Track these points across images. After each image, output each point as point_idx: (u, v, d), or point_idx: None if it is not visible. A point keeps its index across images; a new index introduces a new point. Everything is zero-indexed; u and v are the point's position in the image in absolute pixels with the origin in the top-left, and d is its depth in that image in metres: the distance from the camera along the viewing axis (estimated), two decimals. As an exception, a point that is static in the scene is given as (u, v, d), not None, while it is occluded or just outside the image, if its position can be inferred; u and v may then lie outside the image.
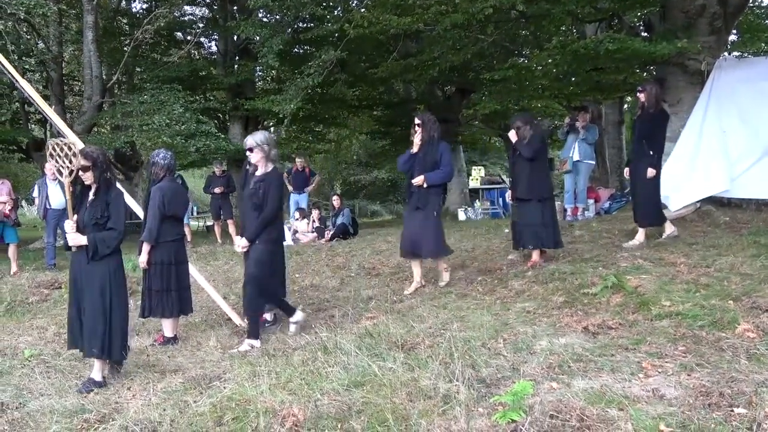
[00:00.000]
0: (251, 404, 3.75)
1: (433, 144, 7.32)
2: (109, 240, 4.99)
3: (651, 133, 7.90)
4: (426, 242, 7.29)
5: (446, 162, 7.32)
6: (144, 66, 21.40)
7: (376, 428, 3.33)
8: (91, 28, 17.61)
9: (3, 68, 7.09)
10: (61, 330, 7.01)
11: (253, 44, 19.80)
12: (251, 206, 6.09)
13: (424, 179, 7.23)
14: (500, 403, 3.45)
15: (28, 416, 4.22)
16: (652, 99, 7.92)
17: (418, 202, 7.31)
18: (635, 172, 8.06)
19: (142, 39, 18.58)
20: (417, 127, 7.38)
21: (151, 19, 18.24)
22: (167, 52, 22.74)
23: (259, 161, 6.20)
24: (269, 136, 6.29)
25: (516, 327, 5.21)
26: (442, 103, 22.27)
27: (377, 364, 4.21)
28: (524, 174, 7.78)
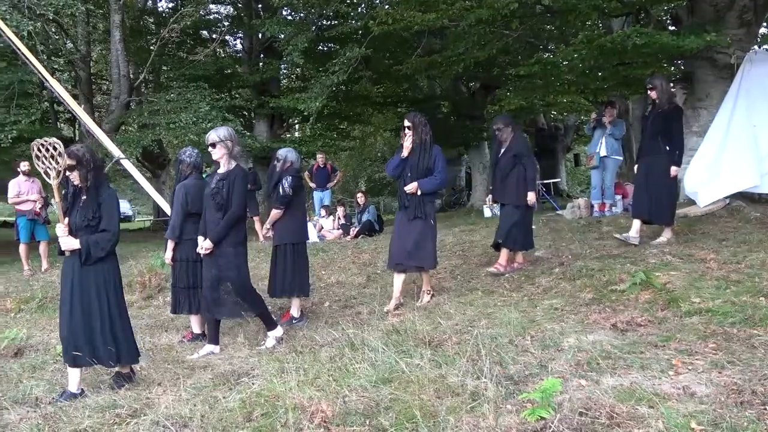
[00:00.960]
0: (280, 400, 3.77)
1: (426, 148, 6.80)
2: (102, 242, 4.79)
3: (667, 130, 7.66)
4: (424, 253, 6.78)
5: (440, 168, 6.82)
6: (170, 64, 21.61)
7: (404, 425, 3.34)
8: (118, 28, 17.81)
9: (33, 68, 7.20)
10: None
11: (277, 42, 19.90)
12: (214, 206, 5.78)
13: (418, 186, 6.73)
14: (529, 400, 3.43)
15: (61, 411, 4.29)
16: (664, 95, 7.69)
17: (416, 211, 6.77)
18: (649, 169, 7.76)
19: (168, 38, 18.76)
20: (407, 129, 6.84)
21: (177, 17, 18.41)
22: (193, 51, 22.93)
23: (222, 158, 5.86)
24: (232, 132, 5.98)
25: (543, 324, 5.18)
26: (466, 100, 22.22)
27: (404, 360, 4.21)
28: (504, 178, 7.68)
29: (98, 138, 7.40)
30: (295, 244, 6.77)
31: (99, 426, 3.77)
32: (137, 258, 11.56)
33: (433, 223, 6.88)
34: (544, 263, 7.76)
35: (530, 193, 7.56)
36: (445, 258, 9.28)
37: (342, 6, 18.45)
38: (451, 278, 8.01)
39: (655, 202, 7.74)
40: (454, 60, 15.27)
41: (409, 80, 20.87)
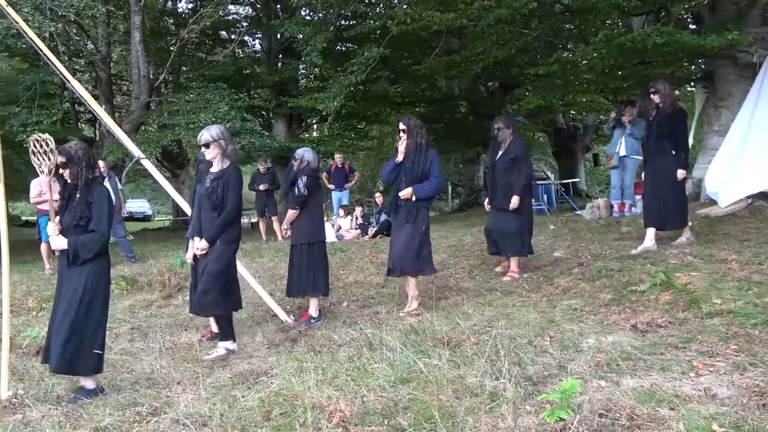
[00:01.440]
0: (298, 399, 3.79)
1: (421, 152, 6.57)
2: (90, 243, 4.61)
3: (672, 133, 7.54)
4: (410, 258, 6.50)
5: (436, 172, 6.57)
6: (190, 65, 21.77)
7: (422, 425, 3.34)
8: (138, 29, 17.96)
9: (55, 69, 7.26)
10: (112, 325, 7.17)
11: (296, 42, 19.97)
12: (209, 206, 5.65)
13: (412, 192, 6.51)
14: (548, 401, 3.42)
15: (81, 408, 4.34)
16: (667, 98, 7.59)
17: (408, 215, 6.54)
18: (656, 173, 7.66)
19: (187, 38, 18.89)
20: (401, 133, 6.66)
21: (197, 18, 18.53)
22: (212, 51, 23.09)
23: (216, 157, 5.75)
24: (226, 131, 5.87)
25: (562, 324, 5.15)
26: (485, 99, 22.19)
27: (423, 361, 4.21)
28: (501, 181, 7.59)
29: (119, 138, 7.45)
30: (311, 244, 6.78)
31: (119, 424, 3.80)
32: (157, 257, 11.66)
33: (423, 229, 6.57)
34: (563, 263, 7.72)
35: (515, 197, 7.43)
36: (463, 258, 9.27)
37: (360, 6, 18.49)
38: (470, 278, 8.00)
39: (664, 207, 7.63)
40: (473, 59, 15.24)
41: (427, 80, 20.86)
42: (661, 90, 7.62)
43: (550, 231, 10.46)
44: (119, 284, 9.03)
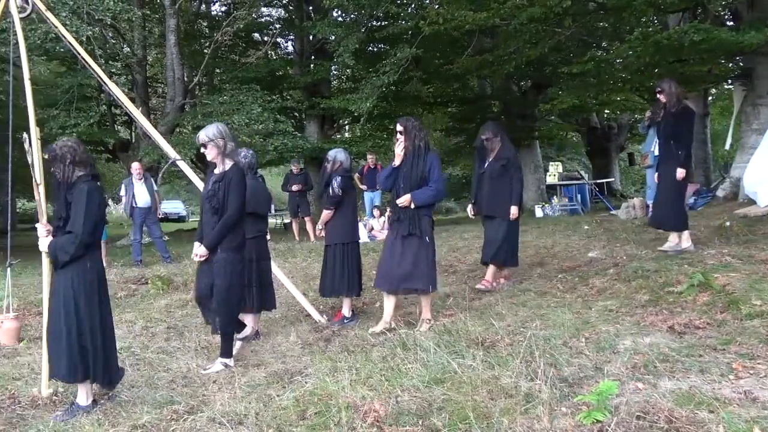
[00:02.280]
0: (333, 399, 3.80)
1: (420, 155, 6.06)
2: (66, 245, 4.34)
3: (677, 133, 7.39)
4: (420, 275, 6.00)
5: (436, 177, 6.04)
6: (223, 67, 21.98)
7: (457, 425, 3.33)
8: (173, 32, 18.18)
9: (92, 71, 7.37)
10: (149, 324, 7.29)
11: (328, 44, 20.05)
12: (210, 210, 5.39)
13: (411, 199, 5.99)
14: (584, 402, 3.39)
15: (120, 406, 4.41)
16: (673, 98, 7.39)
17: (411, 227, 6.00)
18: (664, 174, 7.53)
19: (221, 41, 19.07)
20: (398, 135, 6.14)
21: (230, 21, 18.69)
22: (245, 53, 23.28)
23: (216, 158, 5.45)
24: (224, 129, 5.51)
25: (598, 326, 5.10)
26: (517, 99, 22.02)
27: (457, 361, 4.21)
28: (490, 188, 7.38)
29: (155, 139, 7.55)
30: (345, 244, 6.81)
31: (157, 422, 3.85)
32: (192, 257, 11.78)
33: (428, 241, 6.08)
34: (598, 264, 7.64)
35: (513, 207, 7.30)
36: (496, 258, 9.21)
37: (392, 6, 18.48)
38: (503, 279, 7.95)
39: (665, 207, 7.49)
40: (506, 59, 15.18)
41: (459, 80, 20.79)
42: (667, 89, 7.43)
43: (584, 231, 10.38)
44: (155, 284, 9.16)
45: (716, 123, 26.92)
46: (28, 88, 6.22)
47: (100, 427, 3.86)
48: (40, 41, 14.37)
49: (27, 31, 6.77)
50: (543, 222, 13.47)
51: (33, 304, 8.53)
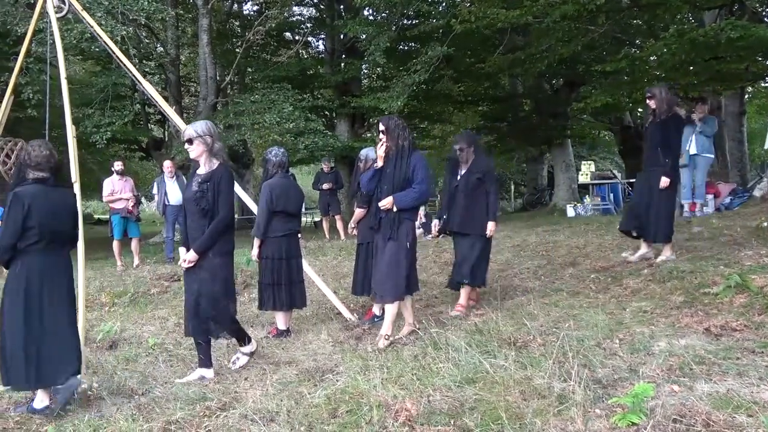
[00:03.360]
0: (364, 398, 3.80)
1: (403, 156, 5.78)
2: None
3: (664, 140, 7.23)
4: (390, 283, 5.70)
5: (420, 178, 5.76)
6: (255, 66, 22.13)
7: (489, 426, 3.31)
8: (205, 32, 18.34)
9: (127, 71, 7.48)
10: (181, 321, 7.34)
11: (359, 42, 20.07)
12: (198, 213, 5.08)
13: (393, 202, 5.72)
14: (619, 405, 3.34)
15: (153, 402, 4.45)
16: (663, 104, 7.22)
17: (390, 230, 5.72)
18: (649, 183, 7.34)
19: (253, 40, 19.19)
20: (381, 134, 5.87)
21: (262, 20, 18.81)
22: (277, 53, 23.41)
23: (201, 156, 5.17)
24: (212, 127, 5.28)
25: (632, 327, 5.03)
26: (549, 97, 21.88)
27: (488, 361, 4.18)
28: (463, 203, 6.71)
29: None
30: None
31: (190, 418, 3.88)
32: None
33: (408, 247, 5.76)
34: (632, 264, 7.54)
35: (490, 223, 6.67)
36: (527, 258, 9.17)
37: (423, 5, 18.46)
38: (535, 278, 7.90)
39: (652, 218, 7.29)
40: (538, 57, 15.08)
41: (490, 78, 20.69)
42: (658, 95, 7.27)
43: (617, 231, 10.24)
44: (187, 281, 9.24)
45: (753, 122, 26.45)
46: (64, 87, 6.33)
47: (135, 422, 3.90)
48: (75, 41, 14.57)
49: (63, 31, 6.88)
50: (575, 221, 13.35)
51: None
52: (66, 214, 4.61)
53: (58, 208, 4.55)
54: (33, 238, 4.39)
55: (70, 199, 4.73)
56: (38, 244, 4.41)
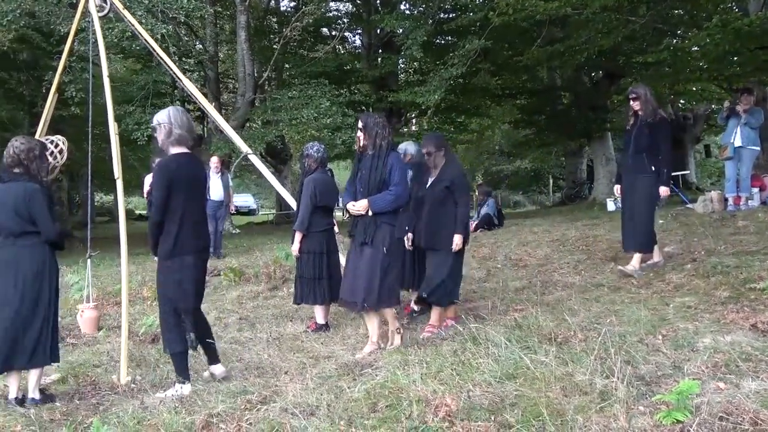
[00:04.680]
0: (404, 392, 3.79)
1: (381, 156, 5.40)
2: None
3: (652, 146, 6.85)
4: (362, 288, 5.33)
5: (397, 179, 5.36)
6: (292, 62, 22.26)
7: (530, 422, 3.28)
8: (243, 28, 18.49)
9: (168, 68, 7.57)
10: (221, 315, 7.46)
11: (396, 37, 20.05)
12: None
13: (368, 206, 5.33)
14: (663, 402, 3.28)
15: (196, 395, 4.50)
16: (649, 106, 6.86)
17: (365, 235, 5.34)
18: (632, 189, 7.00)
19: (290, 36, 19.29)
20: (359, 132, 5.53)
21: (299, 16, 18.89)
22: (314, 48, 23.50)
23: (162, 144, 4.86)
24: (174, 113, 4.86)
25: (676, 323, 4.94)
26: (588, 90, 21.62)
27: (529, 357, 4.13)
28: (432, 215, 6.00)
29: (227, 134, 7.72)
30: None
31: (231, 411, 3.92)
32: (262, 250, 12.01)
33: (385, 251, 5.33)
34: (675, 259, 7.41)
35: (457, 235, 5.88)
36: (567, 252, 9.07)
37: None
38: (575, 273, 7.80)
39: (633, 225, 7.00)
40: (577, 49, 14.91)
41: (528, 71, 20.53)
42: (643, 96, 6.88)
43: (659, 225, 10.07)
44: (228, 275, 9.35)
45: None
46: (107, 85, 6.42)
47: (177, 414, 3.95)
48: (116, 39, 14.81)
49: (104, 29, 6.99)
50: (615, 216, 13.12)
51: (111, 294, 8.84)
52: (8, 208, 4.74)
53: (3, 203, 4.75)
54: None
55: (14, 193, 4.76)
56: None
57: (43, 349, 4.76)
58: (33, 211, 4.73)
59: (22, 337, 4.69)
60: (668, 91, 17.00)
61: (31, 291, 4.73)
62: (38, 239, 4.78)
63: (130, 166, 21.30)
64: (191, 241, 4.75)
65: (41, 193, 4.79)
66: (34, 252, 4.77)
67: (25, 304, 4.71)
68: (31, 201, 4.72)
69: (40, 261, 4.79)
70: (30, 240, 4.76)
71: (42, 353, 4.76)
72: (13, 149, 4.81)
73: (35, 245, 4.77)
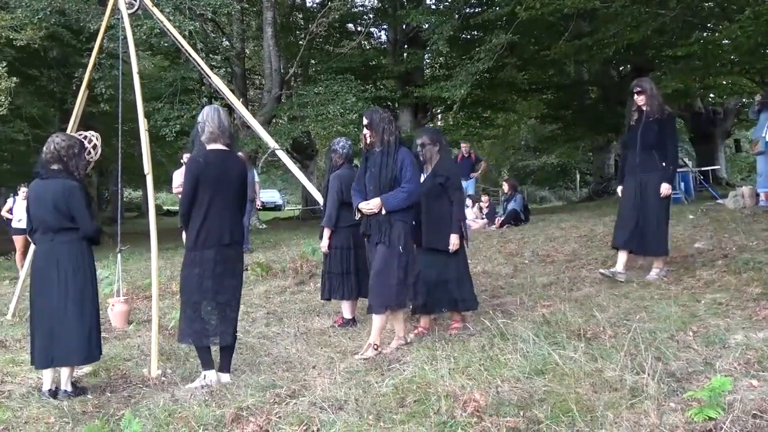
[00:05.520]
0: (432, 388, 3.79)
1: (390, 153, 5.25)
2: None
3: (660, 142, 6.57)
4: (387, 288, 5.16)
5: (409, 176, 5.21)
6: (318, 58, 22.31)
7: (560, 418, 3.26)
8: (270, 25, 18.58)
9: (196, 64, 7.63)
10: (249, 309, 7.50)
11: (422, 32, 20.01)
12: None
13: (381, 204, 5.17)
14: (695, 399, 3.25)
15: (225, 389, 4.55)
16: (655, 101, 6.57)
17: (380, 234, 5.18)
18: (643, 188, 6.64)
19: (316, 32, 19.35)
20: (365, 129, 5.35)
21: (325, 12, 18.92)
22: (339, 44, 23.55)
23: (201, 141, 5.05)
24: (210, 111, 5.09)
25: (706, 319, 4.89)
26: (616, 84, 21.42)
27: (557, 352, 4.11)
28: (430, 213, 5.71)
29: (255, 130, 7.77)
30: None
31: (261, 404, 3.95)
32: (289, 245, 12.06)
33: (401, 250, 5.17)
34: (705, 255, 7.32)
35: (453, 235, 5.64)
36: (595, 248, 8.99)
37: (487, -8, 18.33)
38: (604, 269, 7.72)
39: (647, 228, 6.63)
40: (605, 43, 14.79)
41: (555, 65, 20.40)
42: (648, 90, 6.58)
43: (689, 221, 9.96)
44: (255, 270, 9.40)
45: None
46: (136, 81, 6.49)
47: (208, 407, 3.99)
48: (145, 36, 14.95)
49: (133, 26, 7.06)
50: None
51: (141, 288, 8.95)
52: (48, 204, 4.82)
53: (43, 199, 4.83)
54: (32, 227, 4.94)
55: (53, 190, 4.84)
56: (36, 233, 4.90)
57: (88, 345, 4.84)
58: (72, 207, 4.81)
59: (66, 333, 4.76)
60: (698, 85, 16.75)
61: (73, 287, 4.81)
62: (76, 235, 4.86)
63: (158, 162, 21.52)
64: (214, 236, 4.81)
65: (80, 189, 4.88)
66: (72, 247, 4.86)
67: (69, 300, 4.79)
68: (71, 197, 4.81)
69: (79, 256, 4.87)
70: (68, 236, 4.84)
71: (86, 349, 4.83)
72: (54, 145, 4.90)
73: (73, 241, 4.86)
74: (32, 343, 4.84)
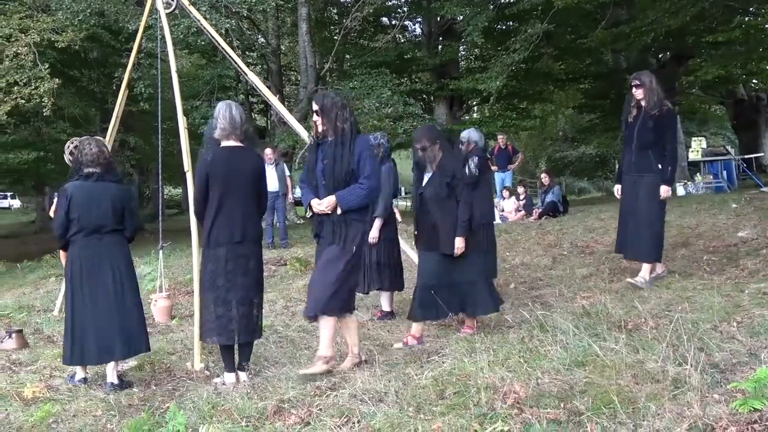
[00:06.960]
0: (471, 380, 3.80)
1: (345, 143, 4.62)
2: None
3: (658, 140, 6.17)
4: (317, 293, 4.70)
5: (369, 171, 4.62)
6: (353, 53, 22.37)
7: (601, 409, 3.24)
8: (305, 20, 18.66)
9: (233, 62, 7.71)
10: (289, 303, 7.59)
11: (456, 23, 19.92)
12: None
13: (336, 203, 4.58)
14: (739, 390, 3.20)
15: (266, 382, 4.62)
16: (654, 96, 6.15)
17: (333, 236, 4.64)
18: (635, 190, 6.32)
19: (350, 27, 19.37)
20: (314, 115, 4.74)
21: (359, 6, 18.94)
22: (374, 38, 23.56)
23: None
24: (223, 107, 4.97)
25: (751, 309, 4.79)
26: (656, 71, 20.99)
27: (598, 344, 4.08)
28: (438, 215, 5.43)
29: (291, 125, 7.81)
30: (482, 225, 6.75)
31: (302, 396, 4.00)
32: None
33: (354, 252, 4.66)
34: (749, 244, 7.19)
35: (458, 238, 5.35)
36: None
37: (523, -18, 18.15)
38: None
39: (638, 233, 6.27)
40: (643, 30, 14.56)
41: (592, 54, 20.16)
42: (647, 84, 6.17)
43: (731, 210, 9.80)
44: (294, 265, 9.49)
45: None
46: (175, 80, 6.59)
47: (250, 400, 4.05)
48: (182, 35, 15.14)
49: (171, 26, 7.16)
50: (685, 201, 12.82)
51: (182, 284, 9.08)
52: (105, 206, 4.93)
53: (97, 201, 4.92)
54: (74, 228, 4.89)
55: (111, 192, 4.99)
56: (79, 234, 4.89)
57: (140, 337, 5.05)
58: (128, 209, 5.07)
59: (125, 327, 4.93)
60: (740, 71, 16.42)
61: (128, 283, 5.02)
62: (120, 235, 5.05)
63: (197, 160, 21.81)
64: (225, 234, 4.74)
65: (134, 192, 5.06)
66: (121, 247, 5.08)
67: (126, 296, 4.98)
68: (129, 200, 5.12)
69: (127, 254, 5.11)
70: (116, 236, 5.02)
71: (139, 341, 5.03)
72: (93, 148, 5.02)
73: (120, 241, 5.07)
74: (73, 341, 4.92)
